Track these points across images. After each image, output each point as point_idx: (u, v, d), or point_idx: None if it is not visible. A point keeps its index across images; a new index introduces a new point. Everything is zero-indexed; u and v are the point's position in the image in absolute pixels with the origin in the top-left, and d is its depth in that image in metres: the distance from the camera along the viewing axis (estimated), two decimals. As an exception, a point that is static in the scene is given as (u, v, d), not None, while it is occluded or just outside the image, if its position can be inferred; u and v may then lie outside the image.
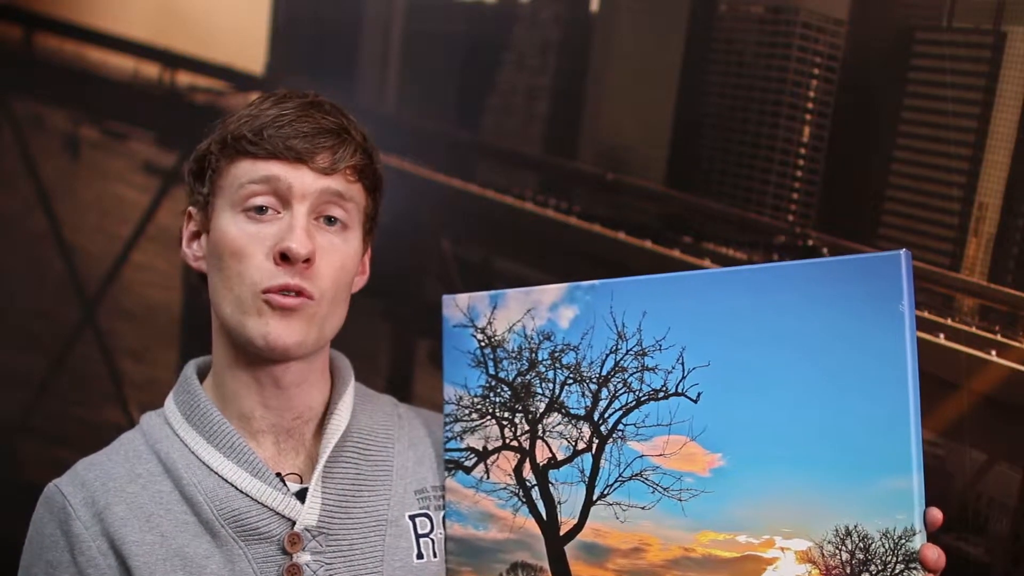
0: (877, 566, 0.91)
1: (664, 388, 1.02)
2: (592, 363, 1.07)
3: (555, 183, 1.87)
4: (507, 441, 1.12)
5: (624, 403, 1.05)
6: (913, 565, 0.90)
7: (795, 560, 0.94)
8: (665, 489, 1.01)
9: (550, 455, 1.09)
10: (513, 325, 1.12)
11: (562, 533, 1.08)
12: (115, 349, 2.41)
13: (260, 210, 1.04)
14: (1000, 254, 1.35)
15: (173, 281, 2.39)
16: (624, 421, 1.05)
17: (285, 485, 1.06)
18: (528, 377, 1.11)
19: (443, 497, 1.16)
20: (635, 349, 1.04)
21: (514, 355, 1.12)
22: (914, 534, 0.90)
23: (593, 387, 1.07)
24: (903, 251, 0.91)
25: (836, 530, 0.92)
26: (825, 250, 1.52)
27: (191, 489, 1.04)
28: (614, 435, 1.05)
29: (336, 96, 1.12)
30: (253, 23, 2.23)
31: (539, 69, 1.89)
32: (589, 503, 1.06)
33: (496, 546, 1.12)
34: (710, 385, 1.00)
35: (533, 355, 1.11)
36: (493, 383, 1.14)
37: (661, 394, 1.02)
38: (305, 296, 1.03)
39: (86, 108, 2.44)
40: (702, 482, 0.99)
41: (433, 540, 1.14)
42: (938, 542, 0.90)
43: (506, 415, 1.13)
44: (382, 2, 2.13)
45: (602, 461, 1.06)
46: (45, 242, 2.42)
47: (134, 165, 2.42)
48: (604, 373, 1.06)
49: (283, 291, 1.02)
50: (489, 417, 1.14)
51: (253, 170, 1.04)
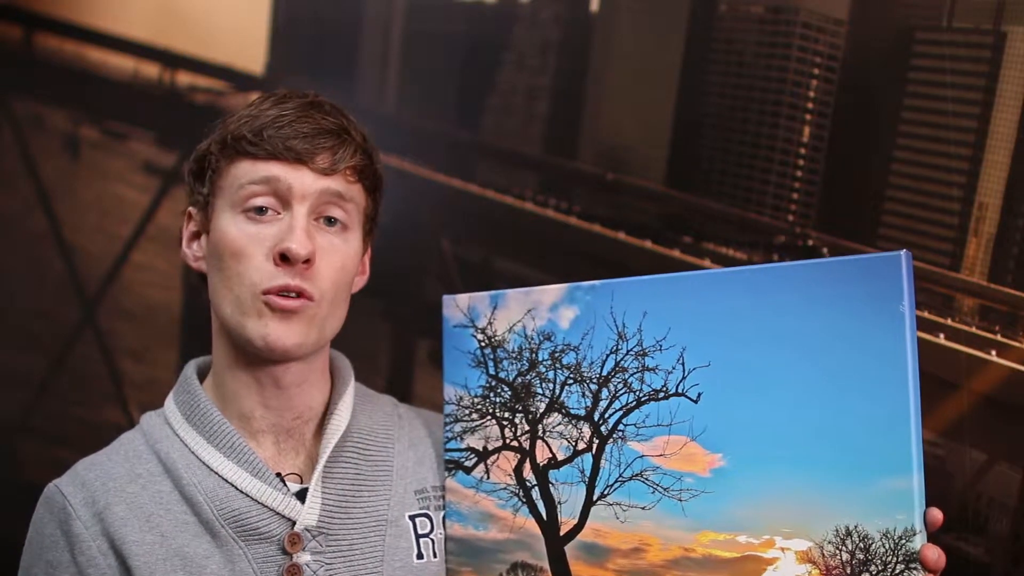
0: (877, 566, 0.91)
1: (664, 388, 1.02)
2: (592, 363, 1.07)
3: (555, 183, 1.87)
4: (507, 441, 1.12)
5: (624, 403, 1.05)
6: (913, 565, 0.90)
7: (795, 560, 0.94)
8: (665, 489, 1.01)
9: (550, 455, 1.09)
10: (513, 325, 1.12)
11: (562, 533, 1.08)
12: (115, 349, 2.41)
13: (260, 211, 1.04)
14: (1000, 254, 1.35)
15: (173, 281, 2.38)
16: (624, 421, 1.05)
17: (285, 485, 1.06)
18: (528, 377, 1.11)
19: (443, 497, 1.16)
20: (635, 349, 1.04)
21: (514, 355, 1.12)
22: (914, 534, 0.90)
23: (593, 387, 1.07)
24: (903, 251, 0.91)
25: (836, 530, 0.92)
26: (825, 250, 1.51)
27: (191, 489, 1.04)
28: (614, 435, 1.05)
29: (336, 96, 1.12)
30: (253, 23, 2.23)
31: (539, 69, 1.89)
32: (589, 503, 1.06)
33: (496, 546, 1.12)
34: (710, 385, 1.00)
35: (533, 355, 1.11)
36: (493, 383, 1.14)
37: (661, 394, 1.02)
38: (305, 297, 1.03)
39: (86, 108, 2.44)
40: (702, 482, 0.99)
41: (433, 540, 1.13)
42: (938, 542, 0.90)
43: (506, 415, 1.12)
44: (382, 2, 2.13)
45: (602, 461, 1.06)
46: (45, 242, 2.42)
47: (134, 165, 2.42)
48: (604, 373, 1.06)
49: (283, 292, 1.02)
50: (489, 417, 1.13)
51: (253, 171, 1.04)
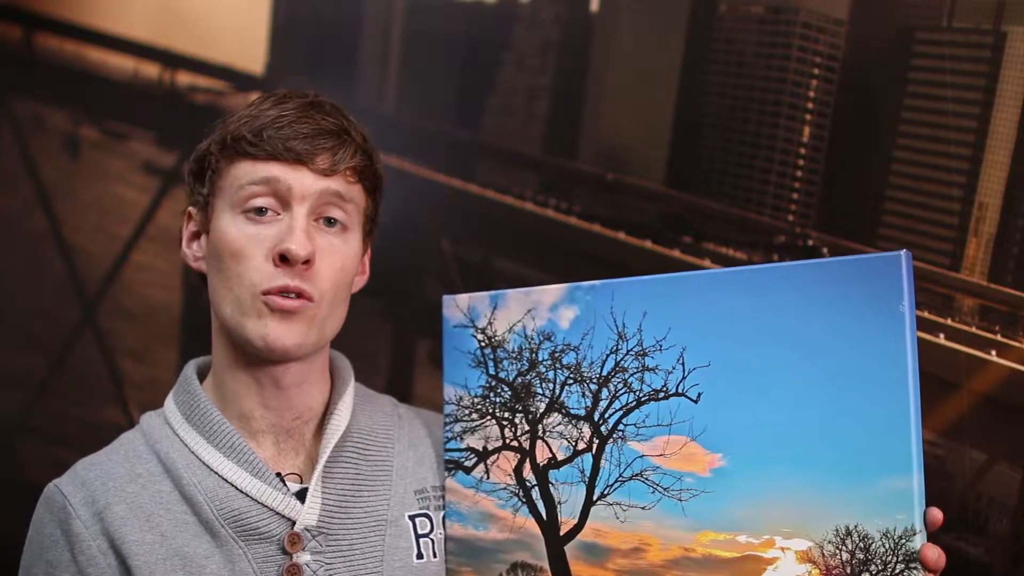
0: (877, 566, 0.91)
1: (664, 388, 1.02)
2: (592, 363, 1.07)
3: (555, 183, 1.87)
4: (507, 441, 1.12)
5: (624, 403, 1.05)
6: (913, 565, 0.90)
7: (795, 560, 0.94)
8: (665, 489, 1.01)
9: (550, 455, 1.09)
10: (513, 325, 1.12)
11: (562, 533, 1.08)
12: (115, 349, 2.41)
13: (260, 211, 1.04)
14: (1000, 254, 1.35)
15: (173, 281, 2.38)
16: (624, 421, 1.05)
17: (285, 485, 1.06)
18: (528, 377, 1.11)
19: (443, 497, 1.16)
20: (635, 349, 1.04)
21: (514, 355, 1.12)
22: (914, 534, 0.90)
23: (593, 387, 1.07)
24: (903, 251, 0.91)
25: (836, 530, 0.92)
26: (825, 250, 1.51)
27: (191, 489, 1.04)
28: (614, 435, 1.05)
29: (336, 96, 1.12)
30: (253, 23, 2.23)
31: (539, 69, 1.89)
32: (589, 503, 1.06)
33: (496, 546, 1.12)
34: (710, 385, 1.00)
35: (533, 355, 1.11)
36: (493, 383, 1.14)
37: (661, 394, 1.02)
38: (305, 298, 1.03)
39: (86, 108, 2.44)
40: (702, 482, 0.99)
41: (433, 540, 1.13)
42: (938, 542, 0.90)
43: (506, 415, 1.12)
44: (382, 2, 2.13)
45: (602, 461, 1.06)
46: (45, 242, 2.42)
47: (134, 165, 2.42)
48: (604, 373, 1.06)
49: (283, 292, 1.02)
50: (489, 417, 1.13)
51: (253, 171, 1.04)
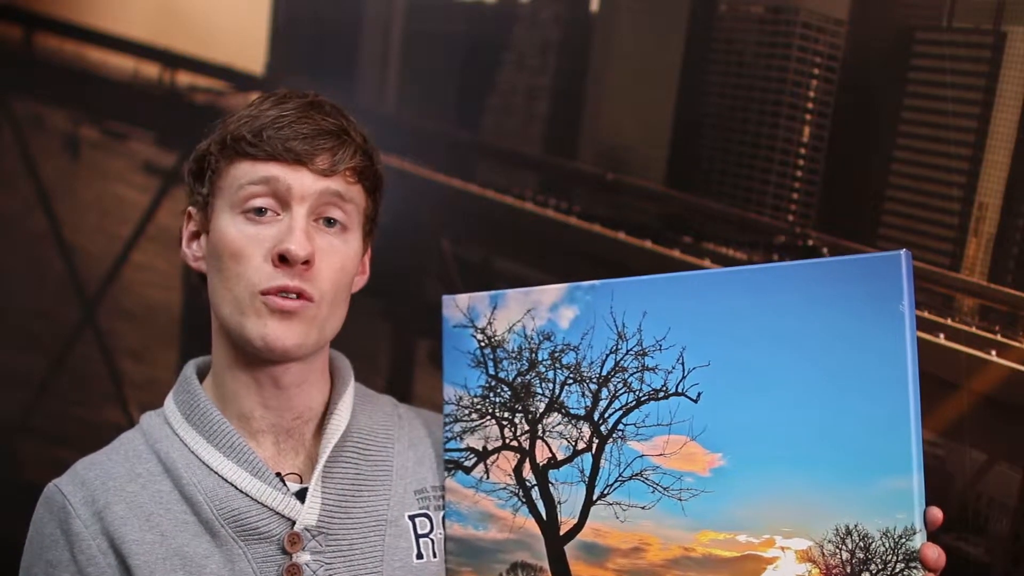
0: (877, 565, 0.91)
1: (664, 388, 1.02)
2: (592, 363, 1.07)
3: (555, 183, 1.87)
4: (507, 441, 1.12)
5: (624, 403, 1.05)
6: (913, 564, 0.90)
7: (795, 559, 0.94)
8: (665, 489, 1.01)
9: (550, 455, 1.09)
10: (513, 325, 1.12)
11: (562, 533, 1.08)
12: (115, 349, 2.41)
13: (259, 212, 1.04)
14: (1000, 254, 1.35)
15: (173, 281, 2.38)
16: (624, 421, 1.05)
17: (285, 485, 1.06)
18: (528, 377, 1.11)
19: (443, 497, 1.16)
20: (635, 349, 1.04)
21: (514, 355, 1.12)
22: (914, 533, 0.90)
23: (593, 387, 1.07)
24: (903, 251, 0.91)
25: (836, 529, 0.92)
26: (825, 250, 1.51)
27: (191, 489, 1.04)
28: (614, 435, 1.05)
29: (336, 96, 1.12)
30: (253, 23, 2.23)
31: (539, 69, 1.89)
32: (589, 503, 1.06)
33: (496, 546, 1.12)
34: (710, 385, 1.00)
35: (533, 355, 1.11)
36: (493, 383, 1.14)
37: (661, 394, 1.02)
38: (305, 298, 1.03)
39: (86, 108, 2.44)
40: (702, 482, 0.99)
41: (433, 540, 1.13)
42: (938, 542, 0.90)
43: (506, 415, 1.12)
44: (382, 2, 2.13)
45: (602, 461, 1.06)
46: (45, 242, 2.42)
47: (134, 165, 2.42)
48: (604, 373, 1.06)
49: (282, 292, 1.02)
50: (489, 417, 1.13)
51: (252, 171, 1.04)
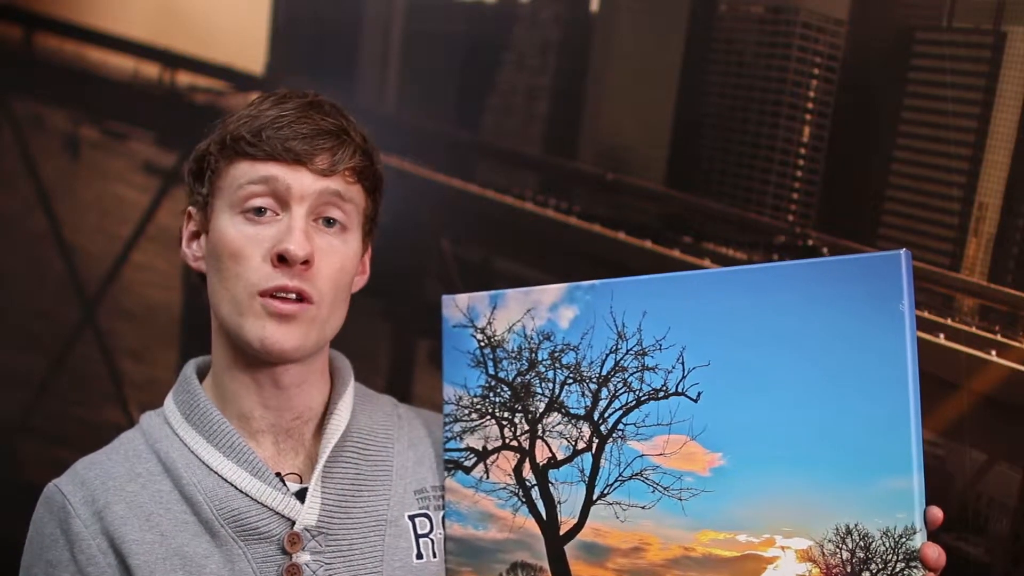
0: (878, 565, 0.91)
1: (664, 388, 1.02)
2: (592, 363, 1.07)
3: (555, 183, 1.87)
4: (507, 441, 1.12)
5: (624, 403, 1.05)
6: (914, 564, 0.90)
7: (795, 559, 0.94)
8: (665, 488, 1.01)
9: (550, 455, 1.09)
10: (513, 325, 1.12)
11: (562, 533, 1.08)
12: (115, 349, 2.41)
13: (259, 211, 1.04)
14: (1000, 254, 1.35)
15: (173, 281, 2.38)
16: (624, 421, 1.05)
17: (285, 485, 1.06)
18: (528, 377, 1.11)
19: (443, 497, 1.16)
20: (635, 349, 1.04)
21: (514, 355, 1.12)
22: (914, 533, 0.90)
23: (593, 387, 1.07)
24: (903, 251, 0.91)
25: (836, 529, 0.92)
26: (825, 250, 1.51)
27: (191, 489, 1.04)
28: (614, 435, 1.05)
29: (336, 96, 1.11)
30: (253, 23, 2.23)
31: (539, 69, 1.89)
32: (589, 503, 1.06)
33: (496, 546, 1.12)
34: (710, 385, 0.99)
35: (533, 355, 1.11)
36: (493, 383, 1.13)
37: (661, 394, 1.02)
38: (305, 299, 1.03)
39: (86, 108, 2.44)
40: (702, 481, 0.99)
41: (433, 540, 1.13)
42: (938, 541, 0.90)
43: (506, 415, 1.12)
44: (382, 2, 2.13)
45: (602, 461, 1.06)
46: (45, 242, 2.42)
47: (134, 165, 2.42)
48: (604, 373, 1.06)
49: (280, 293, 1.02)
50: (489, 417, 1.13)
51: (252, 171, 1.04)
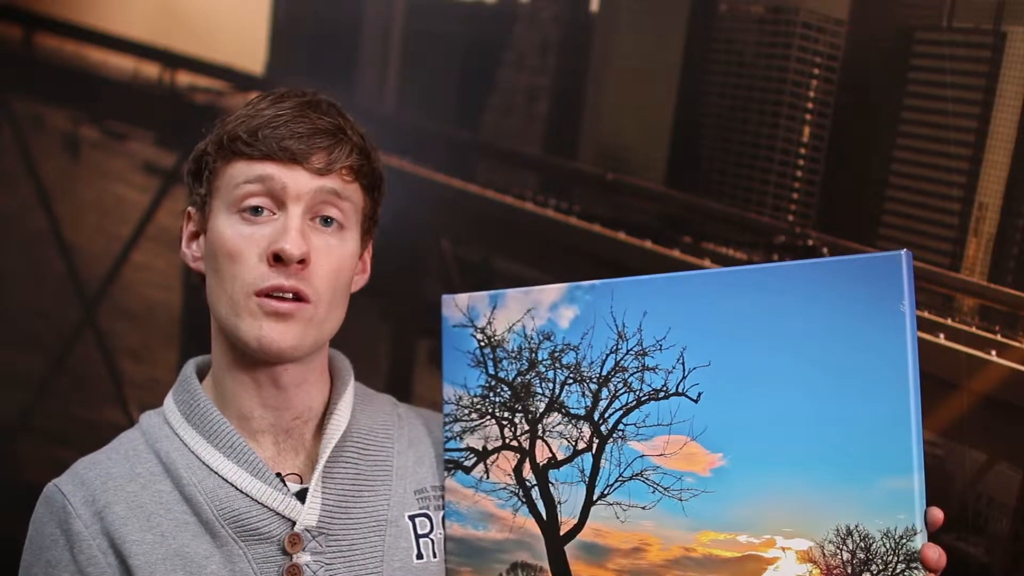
0: (878, 566, 0.91)
1: (665, 388, 1.02)
2: (592, 363, 1.07)
3: (555, 183, 1.87)
4: (507, 441, 1.12)
5: (624, 403, 1.05)
6: (914, 565, 0.90)
7: (796, 560, 0.94)
8: (666, 489, 1.01)
9: (550, 455, 1.09)
10: (513, 325, 1.12)
11: (562, 533, 1.08)
12: (115, 349, 2.41)
13: (255, 211, 1.03)
14: (1000, 254, 1.35)
15: (173, 281, 2.39)
16: (624, 421, 1.05)
17: (285, 485, 1.06)
18: (528, 377, 1.11)
19: (443, 497, 1.16)
20: (635, 349, 1.04)
21: (514, 355, 1.12)
22: (915, 534, 0.90)
23: (593, 387, 1.07)
24: (904, 251, 0.91)
25: (837, 530, 0.92)
26: (825, 250, 1.51)
27: (191, 489, 1.04)
28: (614, 435, 1.05)
29: (336, 96, 1.11)
30: (253, 23, 2.23)
31: (539, 69, 1.89)
32: (589, 503, 1.06)
33: (496, 546, 1.12)
34: (711, 385, 0.99)
35: (533, 355, 1.11)
36: (493, 383, 1.13)
37: (662, 394, 1.02)
38: (301, 298, 1.03)
39: (86, 108, 2.44)
40: (703, 482, 0.99)
41: (433, 540, 1.13)
42: (938, 542, 0.90)
43: (506, 415, 1.12)
44: (382, 2, 2.13)
45: (602, 461, 1.06)
46: (45, 242, 2.42)
47: (134, 165, 2.42)
48: (604, 373, 1.06)
49: (276, 292, 1.02)
50: (489, 417, 1.13)
51: (248, 170, 1.03)
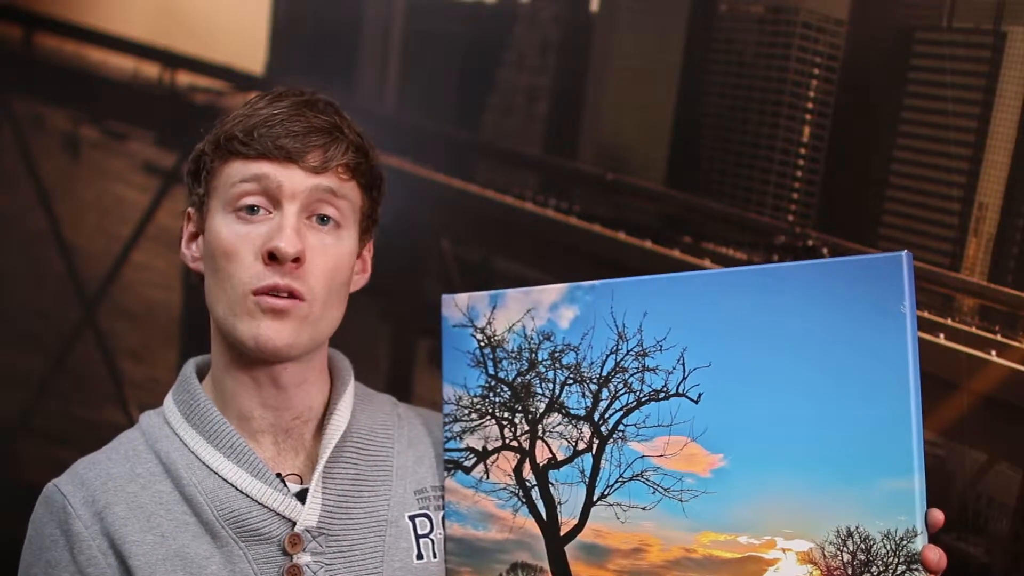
0: (879, 567, 0.91)
1: (665, 388, 1.02)
2: (592, 363, 1.07)
3: (555, 183, 1.87)
4: (507, 441, 1.12)
5: (625, 403, 1.05)
6: (915, 566, 0.90)
7: (796, 561, 0.94)
8: (666, 490, 1.01)
9: (550, 455, 1.09)
10: (513, 325, 1.12)
11: (562, 533, 1.08)
12: (115, 349, 2.41)
13: (251, 210, 1.03)
14: (1000, 254, 1.35)
15: (173, 281, 2.39)
16: (625, 421, 1.05)
17: (285, 486, 1.06)
18: (528, 377, 1.11)
19: (443, 497, 1.16)
20: (636, 349, 1.04)
21: (514, 355, 1.12)
22: (916, 535, 0.89)
23: (593, 387, 1.07)
24: (904, 252, 0.91)
25: (837, 531, 0.92)
26: (825, 250, 1.51)
27: (191, 489, 1.04)
28: (614, 435, 1.05)
29: (336, 96, 1.11)
30: (253, 23, 2.23)
31: (539, 69, 1.89)
32: (589, 503, 1.06)
33: (496, 546, 1.12)
34: (711, 386, 0.99)
35: (533, 355, 1.11)
36: (493, 383, 1.13)
37: (662, 394, 1.02)
38: (296, 297, 1.03)
39: (86, 108, 2.44)
40: (703, 483, 0.99)
41: (433, 540, 1.13)
42: (938, 542, 0.90)
43: (506, 415, 1.12)
44: (382, 2, 2.13)
45: (602, 461, 1.06)
46: (45, 242, 2.42)
47: (134, 165, 2.42)
48: (604, 373, 1.06)
49: (273, 291, 1.02)
50: (489, 417, 1.13)
51: (244, 170, 1.03)
